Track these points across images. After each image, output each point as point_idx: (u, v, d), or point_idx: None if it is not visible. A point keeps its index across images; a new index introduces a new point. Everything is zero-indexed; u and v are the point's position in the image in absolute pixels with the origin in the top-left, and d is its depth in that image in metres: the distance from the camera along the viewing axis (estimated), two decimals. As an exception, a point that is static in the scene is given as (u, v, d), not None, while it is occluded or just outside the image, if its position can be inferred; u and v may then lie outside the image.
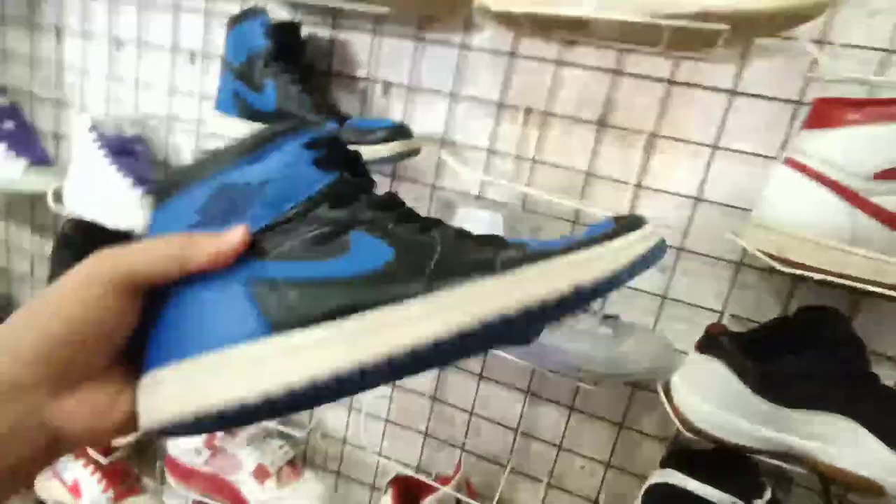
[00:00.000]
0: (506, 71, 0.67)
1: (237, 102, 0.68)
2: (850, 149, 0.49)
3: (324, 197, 0.27)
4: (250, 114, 0.68)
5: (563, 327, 0.61)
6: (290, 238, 0.26)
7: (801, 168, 0.51)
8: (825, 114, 0.50)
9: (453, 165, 0.67)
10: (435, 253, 0.25)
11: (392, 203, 0.29)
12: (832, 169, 0.49)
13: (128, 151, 0.83)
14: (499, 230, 0.62)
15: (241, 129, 0.68)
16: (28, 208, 1.04)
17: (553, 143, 0.68)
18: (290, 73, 0.66)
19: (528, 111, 0.67)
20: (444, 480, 0.74)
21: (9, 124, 0.90)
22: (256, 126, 0.67)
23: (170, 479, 0.85)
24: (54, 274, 0.87)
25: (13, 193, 0.85)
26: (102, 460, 0.90)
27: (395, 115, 0.73)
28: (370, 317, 0.23)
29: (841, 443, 0.51)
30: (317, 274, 0.25)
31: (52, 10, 0.91)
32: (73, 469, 0.95)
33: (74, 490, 0.94)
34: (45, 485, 0.97)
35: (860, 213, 0.48)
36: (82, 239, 0.87)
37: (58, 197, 0.83)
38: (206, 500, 0.81)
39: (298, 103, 0.65)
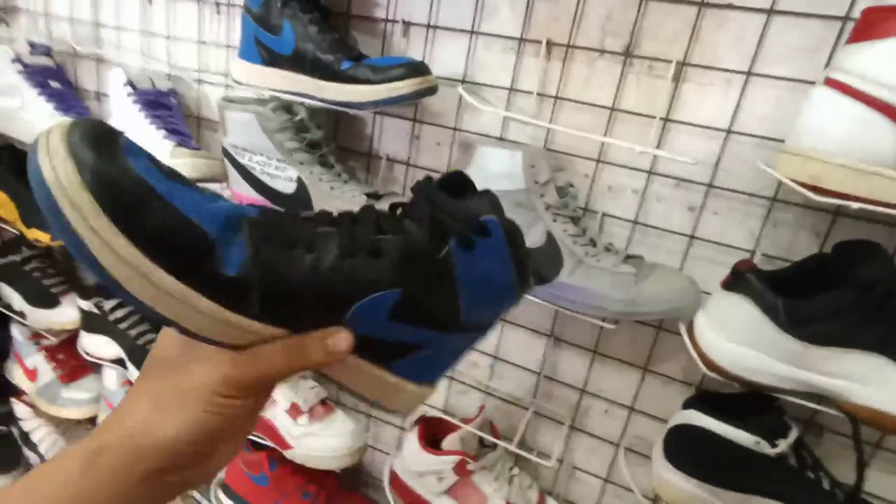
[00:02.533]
0: (527, 2, 0.64)
1: (258, 48, 0.69)
2: (898, 62, 0.44)
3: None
4: (271, 58, 0.68)
5: (583, 266, 0.60)
6: None
7: (842, 87, 0.46)
8: (872, 24, 0.46)
9: (473, 102, 0.65)
10: None
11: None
12: (876, 86, 0.45)
13: (161, 104, 0.86)
14: (518, 168, 0.61)
15: (261, 77, 0.69)
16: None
17: (576, 78, 0.65)
18: (307, 14, 0.65)
19: (551, 45, 0.65)
20: (468, 421, 0.75)
21: (55, 84, 0.95)
22: (276, 74, 0.67)
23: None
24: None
25: (61, 149, 0.90)
26: (154, 399, 0.97)
27: (415, 55, 0.72)
28: None
29: (872, 382, 0.48)
30: None
31: (86, -32, 0.94)
32: (130, 407, 1.02)
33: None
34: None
35: (906, 134, 0.44)
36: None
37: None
38: (246, 435, 0.86)
39: (317, 44, 0.65)
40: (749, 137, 0.58)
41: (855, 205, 0.46)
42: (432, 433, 0.77)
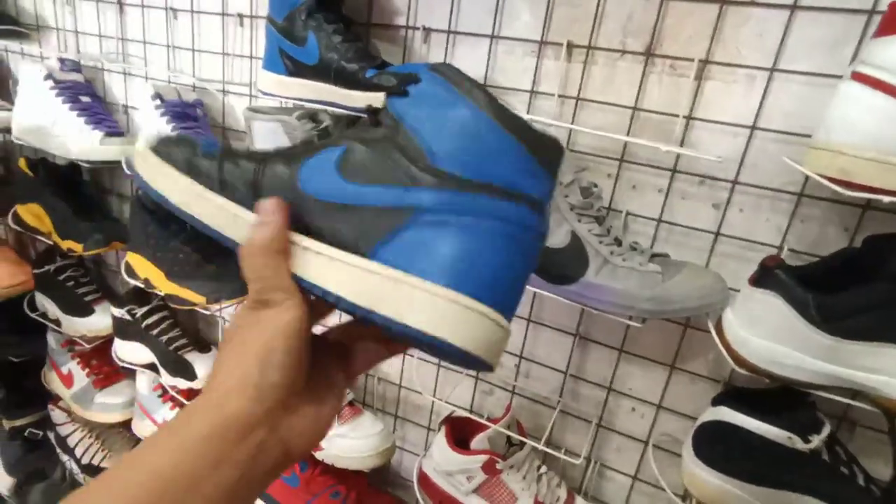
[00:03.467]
0: (547, 4, 0.65)
1: (283, 59, 0.70)
2: (927, 56, 0.44)
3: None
4: (296, 68, 0.69)
5: (609, 265, 0.60)
6: None
7: (870, 81, 0.46)
8: (898, 18, 0.45)
9: (494, 107, 0.66)
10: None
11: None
12: (905, 80, 0.45)
13: (188, 116, 0.88)
14: (541, 170, 0.61)
15: (286, 87, 0.71)
16: (108, 175, 1.13)
17: (598, 79, 0.65)
18: (331, 24, 0.67)
19: (571, 46, 0.65)
20: (496, 421, 0.76)
21: (85, 99, 0.98)
22: (301, 83, 0.69)
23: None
24: (134, 233, 0.95)
25: (93, 162, 0.93)
26: (187, 403, 0.99)
27: (437, 61, 0.73)
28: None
29: (908, 376, 0.48)
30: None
31: (113, -15, 0.97)
32: (163, 411, 1.05)
33: (164, 429, 1.04)
34: (140, 425, 1.09)
35: (937, 127, 0.44)
36: (155, 203, 0.94)
37: (130, 164, 0.89)
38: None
39: (341, 53, 0.66)
40: (774, 133, 0.58)
41: (886, 198, 0.46)
42: (460, 433, 0.77)
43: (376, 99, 0.64)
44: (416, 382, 0.90)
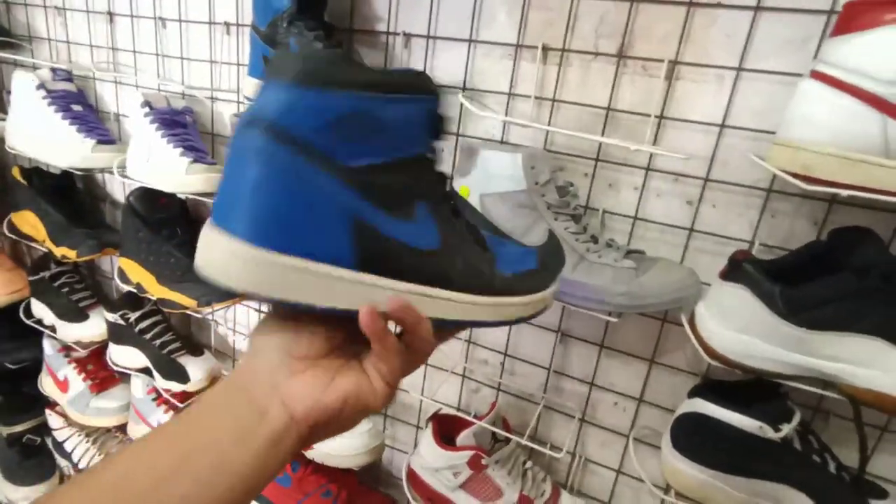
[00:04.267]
0: (522, 9, 0.67)
1: (266, 65, 0.72)
2: (881, 53, 0.45)
3: (420, 160, 0.31)
4: (278, 75, 0.71)
5: (585, 262, 0.62)
6: (384, 185, 0.29)
7: (827, 79, 0.48)
8: (853, 17, 0.47)
9: (472, 109, 0.67)
10: (461, 249, 0.34)
11: (442, 179, 0.34)
12: (861, 77, 0.46)
13: (177, 123, 0.90)
14: (518, 170, 0.63)
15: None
16: (101, 183, 1.15)
17: (573, 81, 0.67)
18: (311, 31, 0.68)
19: (546, 49, 0.67)
20: (481, 417, 0.77)
21: (77, 108, 0.99)
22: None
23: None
24: (126, 239, 0.96)
25: (86, 169, 0.95)
26: (180, 406, 1.00)
27: (417, 66, 0.75)
28: (419, 288, 0.31)
29: (872, 364, 0.49)
30: (395, 234, 0.30)
31: (103, -4, 0.99)
32: (157, 414, 1.07)
33: (159, 432, 1.06)
34: (135, 428, 1.10)
35: (894, 122, 0.46)
36: (147, 207, 0.95)
37: (123, 170, 0.91)
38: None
39: (321, 60, 0.68)
40: (743, 131, 0.60)
41: (845, 192, 0.47)
42: (447, 430, 0.79)
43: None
44: (404, 382, 0.91)
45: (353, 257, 0.28)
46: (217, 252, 0.28)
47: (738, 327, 0.54)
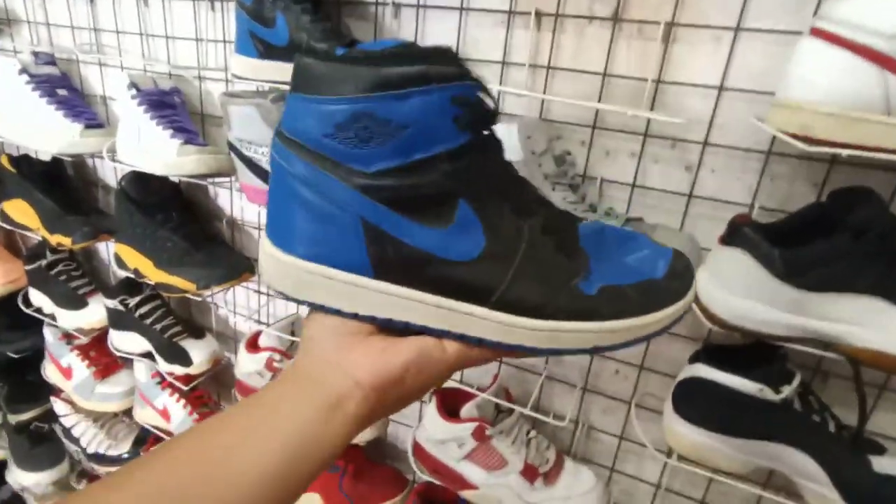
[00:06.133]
0: (513, -25, 0.65)
1: (254, 41, 0.70)
2: (881, 7, 0.44)
3: (451, 156, 0.27)
4: (267, 51, 0.69)
5: (584, 232, 0.61)
6: (409, 187, 0.27)
7: (828, 36, 0.47)
8: (854, -28, 0.46)
9: (465, 80, 0.66)
10: (517, 257, 0.29)
11: (503, 175, 0.30)
12: (861, 33, 0.45)
13: (165, 104, 0.88)
14: (514, 140, 0.62)
15: (259, 70, 0.71)
16: (92, 168, 1.13)
17: (567, 47, 0.65)
18: (298, 4, 0.66)
19: (540, 15, 0.65)
20: (484, 389, 0.78)
21: (62, 92, 0.97)
22: (273, 66, 0.69)
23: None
24: (121, 224, 0.95)
25: (75, 155, 0.93)
26: (185, 388, 1.01)
27: (408, 36, 0.73)
28: (450, 303, 0.29)
29: (870, 324, 0.49)
30: (421, 244, 0.28)
31: (81, -26, 0.95)
32: (162, 397, 1.07)
33: (164, 415, 1.07)
34: (141, 412, 1.11)
35: (895, 77, 0.45)
36: (140, 191, 0.94)
37: (113, 154, 0.90)
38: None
39: (310, 33, 0.66)
40: (741, 93, 0.59)
41: (845, 152, 0.47)
42: (450, 403, 0.79)
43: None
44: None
45: (369, 266, 0.28)
46: (263, 258, 0.31)
47: (738, 291, 0.54)
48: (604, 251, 0.32)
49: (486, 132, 0.29)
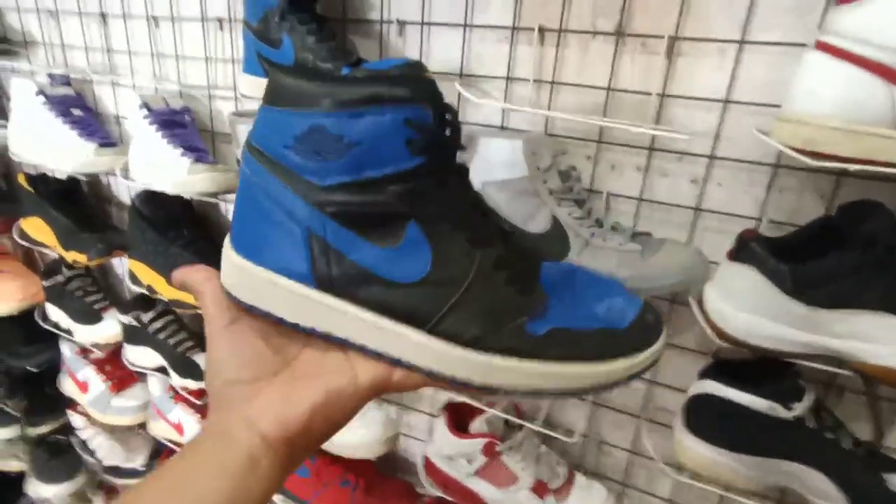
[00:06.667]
0: (516, -9, 0.65)
1: (261, 62, 0.71)
2: (888, 21, 0.44)
3: (402, 178, 0.27)
4: (273, 71, 0.70)
5: (590, 247, 0.61)
6: (358, 204, 0.28)
7: (833, 50, 0.46)
8: (859, -15, 0.45)
9: (469, 97, 0.66)
10: (462, 285, 0.28)
11: (461, 203, 0.30)
12: (867, 47, 0.45)
13: (176, 123, 0.89)
14: (519, 156, 0.62)
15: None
16: (106, 185, 1.15)
17: (571, 62, 0.65)
18: (304, 25, 0.67)
19: (543, 31, 0.65)
20: (493, 404, 0.78)
21: (77, 112, 1.00)
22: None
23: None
24: (134, 241, 0.97)
25: (89, 174, 0.95)
26: (198, 402, 1.02)
27: (412, 54, 0.73)
28: (387, 324, 0.29)
29: (882, 340, 0.49)
30: (363, 260, 0.28)
31: (95, -3, 0.98)
32: (176, 411, 1.09)
33: (178, 428, 1.08)
34: (155, 426, 1.12)
35: (902, 92, 0.44)
36: (152, 209, 0.96)
37: (126, 172, 0.91)
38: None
39: (316, 53, 0.67)
40: (747, 106, 0.59)
41: (852, 166, 0.46)
42: (460, 417, 0.79)
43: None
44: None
45: (312, 277, 0.28)
46: (223, 259, 0.31)
47: (747, 307, 0.54)
48: (569, 294, 0.31)
49: (444, 159, 0.29)
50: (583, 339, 0.29)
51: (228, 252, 0.30)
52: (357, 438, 0.83)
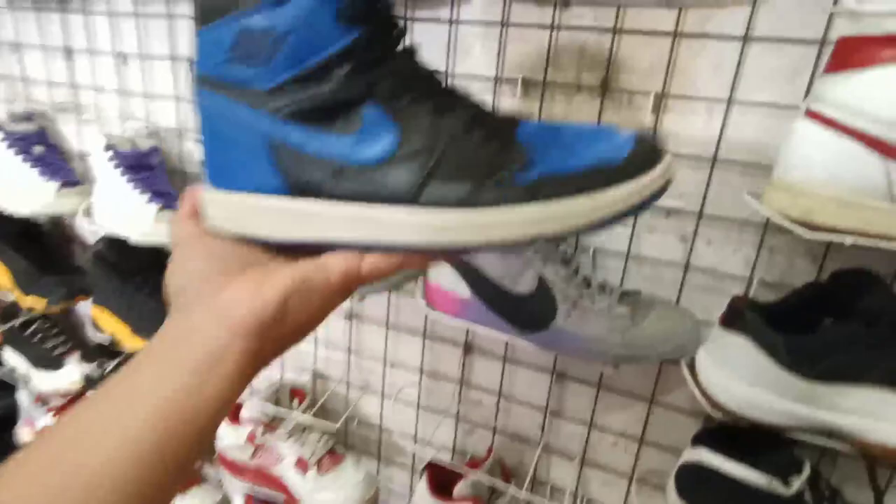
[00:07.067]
0: (499, 41, 0.63)
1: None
2: (880, 93, 0.43)
3: (344, 57, 0.26)
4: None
5: (579, 309, 0.58)
6: (308, 98, 0.26)
7: (824, 120, 0.45)
8: (849, 54, 0.44)
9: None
10: (434, 152, 0.27)
11: (414, 71, 0.28)
12: (860, 118, 0.43)
13: (143, 166, 0.85)
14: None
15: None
16: (69, 223, 1.10)
17: (556, 115, 0.64)
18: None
19: (527, 83, 0.64)
20: (478, 463, 0.74)
21: (39, 149, 0.94)
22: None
23: (224, 473, 0.90)
24: (96, 287, 0.92)
25: (50, 215, 0.90)
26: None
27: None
28: (360, 209, 0.27)
29: (884, 417, 0.47)
30: (329, 153, 0.27)
31: (58, 30, 0.93)
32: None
33: (144, 483, 1.02)
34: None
35: (896, 165, 0.43)
36: (117, 254, 0.91)
37: (90, 215, 0.86)
38: (258, 489, 0.86)
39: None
40: (736, 165, 0.57)
41: (848, 239, 0.44)
42: (443, 478, 0.76)
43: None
44: (397, 424, 0.88)
45: (282, 184, 0.28)
46: (203, 204, 0.30)
47: (743, 379, 0.51)
48: (555, 146, 0.28)
49: (381, 29, 0.27)
50: (577, 178, 0.26)
51: (204, 192, 0.29)
52: (336, 501, 0.78)
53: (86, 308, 1.14)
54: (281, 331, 0.26)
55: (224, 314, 0.25)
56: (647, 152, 0.27)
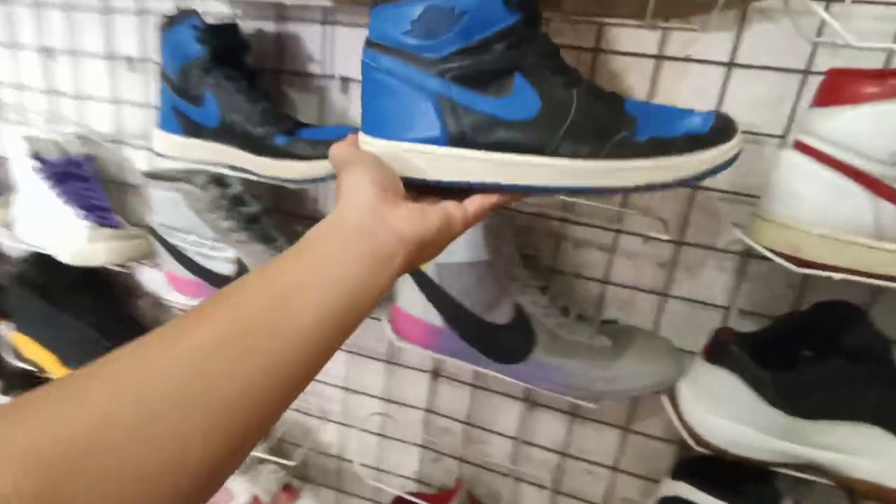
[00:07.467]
0: (474, 56, 0.60)
1: (178, 118, 0.61)
2: (870, 129, 0.42)
3: (503, 35, 0.34)
4: (194, 130, 0.61)
5: (558, 341, 0.56)
6: (472, 65, 0.34)
7: (813, 153, 0.44)
8: (838, 89, 0.43)
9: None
10: (569, 116, 0.35)
11: (550, 51, 0.36)
12: (850, 153, 0.43)
13: (73, 176, 0.76)
14: (479, 238, 0.56)
15: (187, 149, 0.61)
16: (-14, 237, 0.98)
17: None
18: (232, 81, 0.58)
19: (503, 100, 0.61)
20: (446, 495, 0.71)
21: (-52, 152, 0.84)
22: (202, 145, 0.60)
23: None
24: (17, 310, 0.82)
25: (-38, 229, 0.79)
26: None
27: (357, 114, 0.66)
28: (510, 156, 0.35)
29: (868, 453, 0.46)
30: (487, 111, 0.34)
31: (-26, 21, 0.83)
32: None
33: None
34: None
35: (885, 202, 0.42)
36: (41, 272, 0.81)
37: (11, 231, 0.77)
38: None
39: (246, 115, 0.58)
40: (716, 192, 0.56)
41: (836, 276, 0.44)
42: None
43: (290, 169, 0.57)
44: (358, 454, 0.83)
45: (445, 136, 0.35)
46: (364, 151, 0.37)
47: (726, 414, 0.50)
48: (653, 116, 0.36)
49: (531, 12, 0.35)
50: (676, 141, 0.35)
51: (368, 140, 0.37)
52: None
53: (4, 330, 1.02)
54: (427, 249, 0.33)
55: (396, 226, 0.31)
56: (724, 128, 0.36)
